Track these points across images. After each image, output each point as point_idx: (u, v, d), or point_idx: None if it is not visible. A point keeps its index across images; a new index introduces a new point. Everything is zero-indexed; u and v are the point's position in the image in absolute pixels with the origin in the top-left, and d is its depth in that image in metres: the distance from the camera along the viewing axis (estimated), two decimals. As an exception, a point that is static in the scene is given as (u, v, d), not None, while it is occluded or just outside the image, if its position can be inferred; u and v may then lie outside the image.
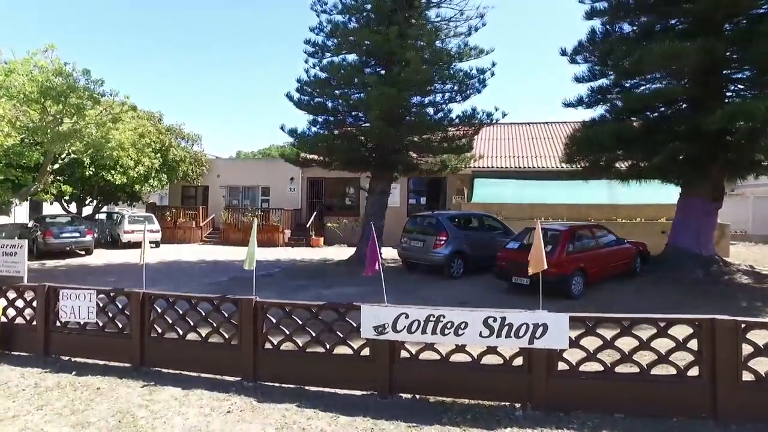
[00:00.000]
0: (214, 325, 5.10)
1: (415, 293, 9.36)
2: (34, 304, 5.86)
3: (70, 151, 13.12)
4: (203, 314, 5.13)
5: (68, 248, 15.14)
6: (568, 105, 13.08)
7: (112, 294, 5.56)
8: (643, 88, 12.06)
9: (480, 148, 19.44)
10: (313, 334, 4.76)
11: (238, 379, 4.96)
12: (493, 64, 12.30)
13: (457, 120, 12.23)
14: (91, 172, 16.13)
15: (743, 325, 3.72)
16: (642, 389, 3.94)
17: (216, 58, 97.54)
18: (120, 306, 5.50)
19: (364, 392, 4.62)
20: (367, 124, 12.96)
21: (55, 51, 11.84)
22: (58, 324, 5.76)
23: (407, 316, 4.43)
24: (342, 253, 17.75)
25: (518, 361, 4.30)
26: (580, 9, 16.80)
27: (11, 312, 5.98)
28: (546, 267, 4.36)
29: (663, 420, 3.84)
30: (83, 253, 15.87)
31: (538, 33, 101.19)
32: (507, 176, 18.70)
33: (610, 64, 12.00)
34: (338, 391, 4.68)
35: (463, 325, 4.29)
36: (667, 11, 10.60)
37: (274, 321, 4.91)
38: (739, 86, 10.90)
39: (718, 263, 10.06)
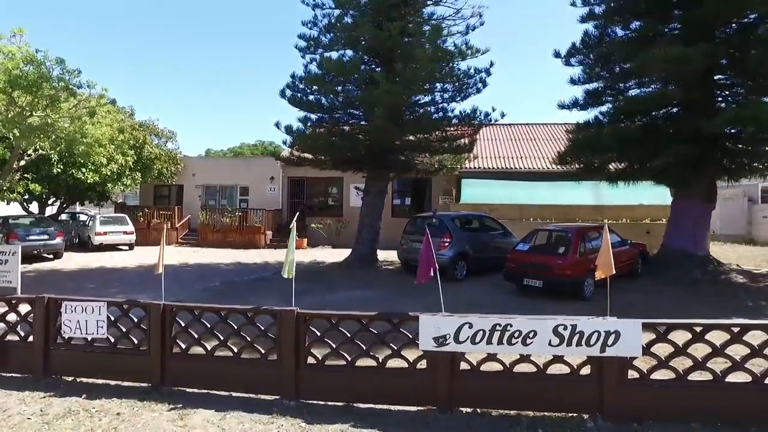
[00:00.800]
0: (248, 339, 4.66)
1: (425, 297, 9.07)
2: (30, 318, 5.19)
3: (38, 146, 11.99)
4: (235, 327, 4.67)
5: (36, 252, 13.90)
6: (562, 107, 13.25)
7: (125, 306, 4.98)
8: (637, 91, 12.41)
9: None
10: (364, 347, 4.42)
11: (277, 398, 4.54)
12: (491, 64, 12.27)
13: (455, 120, 12.09)
14: (59, 170, 14.87)
15: (821, 330, 3.71)
16: (717, 397, 3.87)
17: (183, 53, 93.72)
18: (135, 319, 4.94)
19: (421, 408, 4.33)
20: (363, 123, 12.61)
21: (24, 37, 10.76)
22: (59, 340, 5.12)
23: (471, 326, 4.17)
24: (330, 254, 17.28)
25: (585, 370, 4.14)
26: (569, 10, 16.94)
27: (1, 327, 5.29)
28: (614, 272, 4.23)
29: (740, 428, 3.78)
30: (51, 257, 14.62)
31: (521, 34, 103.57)
32: (493, 177, 18.81)
33: (606, 67, 12.25)
34: (392, 407, 4.37)
35: (531, 334, 4.08)
36: (666, 16, 10.91)
37: (319, 334, 4.53)
38: (726, 92, 11.38)
39: (713, 263, 10.44)
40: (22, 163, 12.64)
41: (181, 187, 22.40)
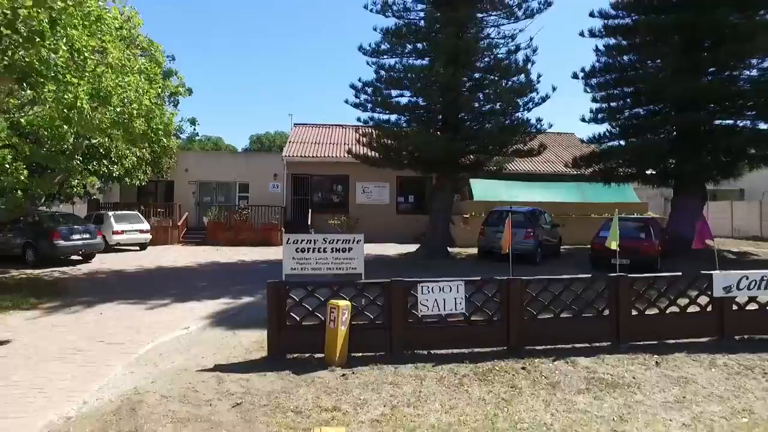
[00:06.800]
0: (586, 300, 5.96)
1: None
2: (378, 301, 5.72)
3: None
4: (578, 293, 5.94)
5: (81, 252, 12.24)
6: (583, 120, 16.22)
7: (479, 284, 5.87)
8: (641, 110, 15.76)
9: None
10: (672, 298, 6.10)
11: (607, 343, 5.91)
12: (539, 78, 14.39)
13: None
14: (77, 161, 13.10)
15: None
16: None
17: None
18: (489, 294, 5.85)
19: (709, 338, 6.09)
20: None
21: None
22: (410, 319, 5.76)
23: (747, 278, 6.10)
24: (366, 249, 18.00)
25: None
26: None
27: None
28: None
29: None
30: (79, 258, 12.91)
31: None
32: (494, 178, 21.24)
33: (622, 89, 15.39)
34: (688, 340, 6.05)
35: (784, 282, 6.14)
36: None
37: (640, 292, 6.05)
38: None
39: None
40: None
41: (171, 183, 20.68)
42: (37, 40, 4.15)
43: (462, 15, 12.59)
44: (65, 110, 5.39)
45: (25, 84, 4.93)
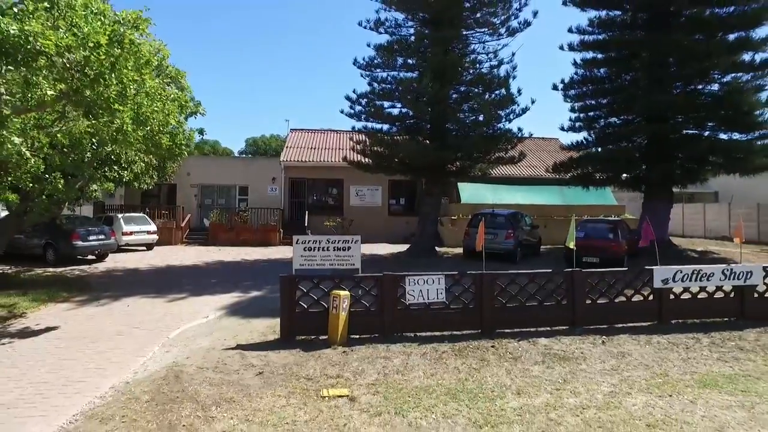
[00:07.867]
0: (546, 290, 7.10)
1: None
2: (373, 292, 6.79)
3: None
4: (540, 285, 7.08)
5: (97, 252, 13.18)
6: (562, 129, 17.41)
7: (457, 277, 6.98)
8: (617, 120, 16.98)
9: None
10: (619, 289, 7.26)
11: (566, 327, 7.06)
12: (519, 92, 15.59)
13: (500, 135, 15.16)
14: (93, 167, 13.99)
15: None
16: None
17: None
18: (465, 286, 6.96)
19: (649, 322, 7.27)
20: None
21: None
22: (399, 306, 6.84)
23: (681, 272, 7.28)
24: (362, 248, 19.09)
25: (731, 294, 7.53)
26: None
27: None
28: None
29: None
30: (94, 257, 13.86)
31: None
32: (480, 182, 22.42)
33: (598, 101, 16.60)
34: (634, 324, 7.22)
35: (711, 275, 7.33)
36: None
37: (593, 284, 7.19)
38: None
39: (673, 245, 15.32)
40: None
41: (173, 187, 21.59)
42: (100, 80, 5.19)
43: (449, 33, 13.73)
44: (114, 133, 6.45)
45: (90, 115, 5.96)
